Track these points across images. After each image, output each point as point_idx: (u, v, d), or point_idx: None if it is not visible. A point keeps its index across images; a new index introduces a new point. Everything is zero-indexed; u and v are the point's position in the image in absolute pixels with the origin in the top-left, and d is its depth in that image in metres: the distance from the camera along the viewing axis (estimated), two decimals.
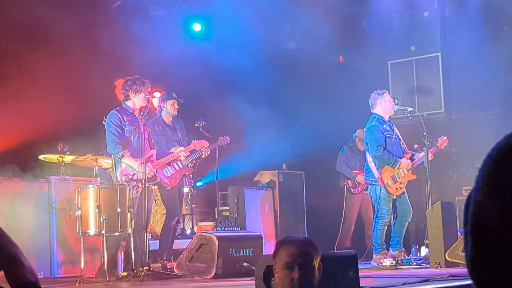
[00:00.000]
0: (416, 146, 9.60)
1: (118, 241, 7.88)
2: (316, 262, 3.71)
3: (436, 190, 10.62)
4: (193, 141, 8.87)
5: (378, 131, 9.17)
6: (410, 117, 9.71)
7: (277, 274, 3.73)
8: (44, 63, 9.70)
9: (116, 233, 7.77)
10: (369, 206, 11.33)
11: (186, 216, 10.33)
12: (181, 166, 8.77)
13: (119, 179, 8.10)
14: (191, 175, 10.16)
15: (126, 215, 7.70)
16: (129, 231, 7.77)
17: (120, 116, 8.19)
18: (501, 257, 0.90)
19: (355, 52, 13.09)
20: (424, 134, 9.26)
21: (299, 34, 13.22)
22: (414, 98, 12.56)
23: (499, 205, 0.90)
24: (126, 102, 8.30)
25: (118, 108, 8.29)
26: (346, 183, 11.41)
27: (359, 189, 11.33)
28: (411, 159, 9.33)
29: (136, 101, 8.26)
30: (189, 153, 8.79)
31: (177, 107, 9.14)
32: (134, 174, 7.94)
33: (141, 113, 8.20)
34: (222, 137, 9.37)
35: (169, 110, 9.09)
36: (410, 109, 9.73)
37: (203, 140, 8.91)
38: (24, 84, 9.61)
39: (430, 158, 9.15)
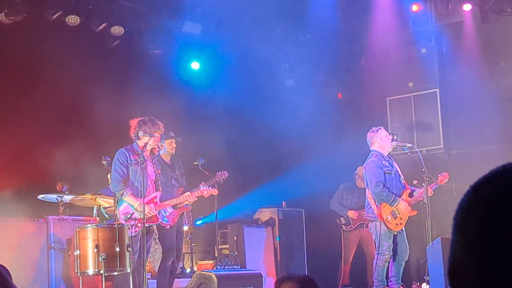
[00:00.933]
0: (415, 182, 9.59)
1: (125, 281, 7.82)
2: None
3: (437, 226, 10.58)
4: (201, 187, 8.75)
5: (377, 167, 9.16)
6: (409, 153, 9.71)
7: None
8: (41, 102, 9.75)
9: (115, 273, 7.72)
10: (370, 243, 11.27)
11: (185, 254, 10.27)
12: (179, 205, 8.75)
13: (119, 217, 8.09)
14: (190, 213, 10.15)
15: (124, 254, 7.66)
16: (128, 270, 7.73)
17: (127, 155, 8.19)
18: None
19: (353, 88, 13.16)
20: (424, 170, 9.25)
21: (298, 72, 13.29)
22: (413, 134, 12.58)
23: (462, 242, 0.96)
24: (137, 141, 8.30)
25: (127, 146, 8.30)
26: (338, 221, 11.43)
27: (353, 226, 11.34)
28: (411, 195, 9.31)
29: (145, 141, 8.24)
30: (195, 199, 8.73)
31: (175, 146, 9.14)
32: (133, 213, 7.92)
33: (151, 154, 8.22)
34: (220, 172, 9.35)
35: (167, 149, 9.09)
36: (409, 145, 9.73)
37: (213, 188, 8.84)
38: (21, 123, 9.63)
39: (429, 194, 9.12)
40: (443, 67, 12.75)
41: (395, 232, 9.12)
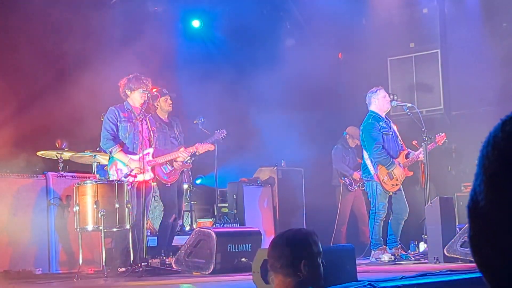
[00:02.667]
0: (414, 142, 9.59)
1: (125, 237, 7.87)
2: (316, 255, 3.68)
3: (435, 186, 10.61)
4: (197, 143, 8.82)
5: (374, 129, 9.16)
6: (409, 113, 9.71)
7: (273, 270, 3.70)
8: (41, 58, 9.70)
9: (114, 229, 7.76)
10: (361, 202, 11.45)
11: (185, 212, 10.31)
12: (180, 163, 8.77)
13: (110, 174, 8.14)
14: (189, 171, 10.16)
15: (124, 210, 7.70)
16: (127, 227, 7.77)
17: (116, 113, 8.27)
18: (489, 234, 0.94)
19: (354, 49, 13.08)
20: (423, 130, 9.25)
21: (298, 31, 13.21)
22: (414, 95, 12.55)
23: (487, 188, 0.94)
24: (127, 100, 8.35)
25: (118, 105, 8.36)
26: (343, 180, 11.44)
27: (355, 186, 11.41)
28: (407, 156, 9.34)
29: (133, 99, 8.31)
30: (189, 155, 8.78)
31: (171, 102, 9.12)
32: (132, 170, 7.94)
33: (141, 110, 8.21)
34: (218, 130, 9.35)
35: (163, 106, 9.08)
36: (409, 105, 9.72)
37: (208, 143, 8.86)
38: (21, 79, 9.60)
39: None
40: (444, 27, 12.67)
41: (391, 193, 9.16)
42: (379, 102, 9.28)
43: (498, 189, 0.93)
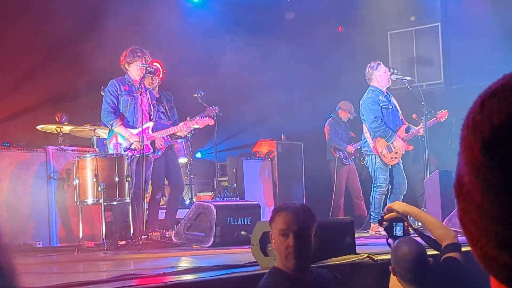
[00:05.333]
0: (414, 116, 9.59)
1: (125, 210, 7.89)
2: (312, 230, 3.69)
3: (435, 161, 10.61)
4: (198, 117, 8.80)
5: (374, 103, 9.18)
6: (409, 87, 9.69)
7: (273, 241, 3.72)
8: (41, 31, 9.66)
9: (114, 202, 7.78)
10: (355, 176, 11.53)
11: (185, 186, 10.32)
12: (161, 141, 8.66)
13: (109, 148, 8.14)
14: (190, 145, 10.15)
15: (124, 184, 7.71)
16: (127, 200, 7.78)
17: (117, 86, 8.23)
18: (474, 216, 0.94)
19: (354, 22, 13.02)
20: (423, 103, 9.25)
21: (298, 4, 13.14)
22: (414, 68, 12.53)
23: (470, 171, 0.94)
24: (128, 73, 8.32)
25: (119, 78, 8.33)
26: (337, 154, 11.49)
27: (349, 160, 11.49)
28: (407, 130, 9.34)
29: (132, 72, 8.28)
30: (189, 129, 8.76)
31: (151, 80, 8.98)
32: (132, 143, 7.95)
33: (140, 83, 8.18)
34: (211, 107, 9.34)
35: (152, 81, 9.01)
36: (409, 78, 9.71)
37: (209, 118, 8.82)
38: (21, 53, 9.56)
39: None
40: (445, 1, 12.61)
41: (390, 166, 9.18)
42: (380, 78, 9.28)
43: (481, 173, 0.91)
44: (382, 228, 4.31)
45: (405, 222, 4.21)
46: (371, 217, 9.26)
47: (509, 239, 0.90)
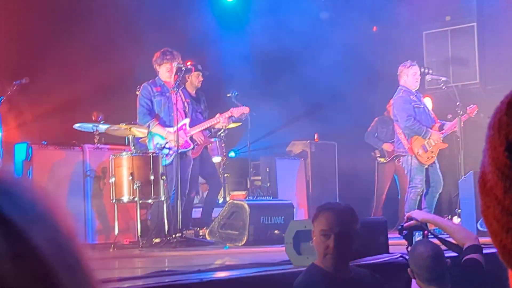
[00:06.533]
0: (449, 116, 9.54)
1: (160, 208, 7.97)
2: (354, 231, 3.71)
3: (470, 161, 10.54)
4: (232, 108, 8.86)
5: (405, 102, 9.15)
6: (443, 87, 9.66)
7: (314, 238, 3.73)
8: (83, 33, 9.78)
9: (149, 200, 7.87)
10: (404, 176, 11.29)
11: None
12: (202, 138, 8.74)
13: (150, 148, 8.23)
14: (223, 144, 10.21)
15: (159, 182, 7.79)
16: (162, 199, 7.87)
17: (150, 88, 8.40)
18: (491, 205, 0.95)
19: (389, 22, 12.97)
20: (458, 104, 9.21)
21: (333, 4, 13.13)
22: (449, 68, 12.44)
23: (493, 170, 0.94)
24: (158, 75, 8.44)
25: (150, 80, 8.46)
26: (373, 153, 11.41)
27: (388, 158, 11.26)
28: (441, 128, 9.29)
29: (161, 73, 8.40)
30: (226, 120, 8.79)
31: (202, 79, 9.16)
32: (167, 142, 8.04)
33: (175, 83, 8.28)
34: (243, 106, 9.42)
35: (193, 81, 9.14)
36: (443, 78, 9.68)
37: (243, 106, 8.88)
38: (60, 52, 9.69)
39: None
40: (481, 1, 12.51)
41: (427, 165, 9.14)
42: (408, 79, 9.24)
43: (504, 174, 0.93)
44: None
45: (425, 231, 4.24)
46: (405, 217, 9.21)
47: None
